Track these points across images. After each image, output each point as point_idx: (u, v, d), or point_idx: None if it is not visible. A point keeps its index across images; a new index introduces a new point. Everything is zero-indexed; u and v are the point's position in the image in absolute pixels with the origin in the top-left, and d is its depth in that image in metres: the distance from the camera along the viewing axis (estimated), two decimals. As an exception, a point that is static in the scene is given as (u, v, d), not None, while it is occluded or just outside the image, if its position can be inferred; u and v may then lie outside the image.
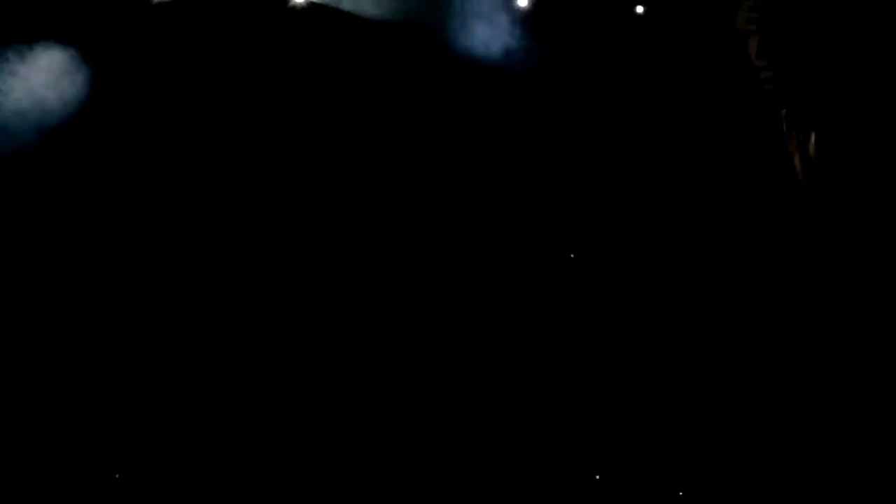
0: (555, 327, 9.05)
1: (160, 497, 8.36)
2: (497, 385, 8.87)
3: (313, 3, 9.22)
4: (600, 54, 9.45)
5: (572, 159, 9.35)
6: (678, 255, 9.16)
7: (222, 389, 8.66)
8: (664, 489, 8.65)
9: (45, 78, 8.81)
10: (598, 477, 8.67)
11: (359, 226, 9.12)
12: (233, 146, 9.17)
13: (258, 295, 8.94)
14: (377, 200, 9.18)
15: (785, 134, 9.15)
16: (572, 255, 9.23)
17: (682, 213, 9.26)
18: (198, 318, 8.83)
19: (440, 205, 9.23)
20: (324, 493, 8.51)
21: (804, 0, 8.92)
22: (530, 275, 9.16)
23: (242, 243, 9.02)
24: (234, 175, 9.13)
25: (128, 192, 9.00)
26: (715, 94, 9.24)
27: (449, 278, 9.11)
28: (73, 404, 8.47)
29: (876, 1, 8.85)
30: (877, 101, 8.89)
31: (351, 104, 9.30)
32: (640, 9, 9.29)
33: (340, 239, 9.10)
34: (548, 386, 8.90)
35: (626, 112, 9.42)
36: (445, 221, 9.20)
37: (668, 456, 8.71)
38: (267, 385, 8.71)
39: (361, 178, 9.20)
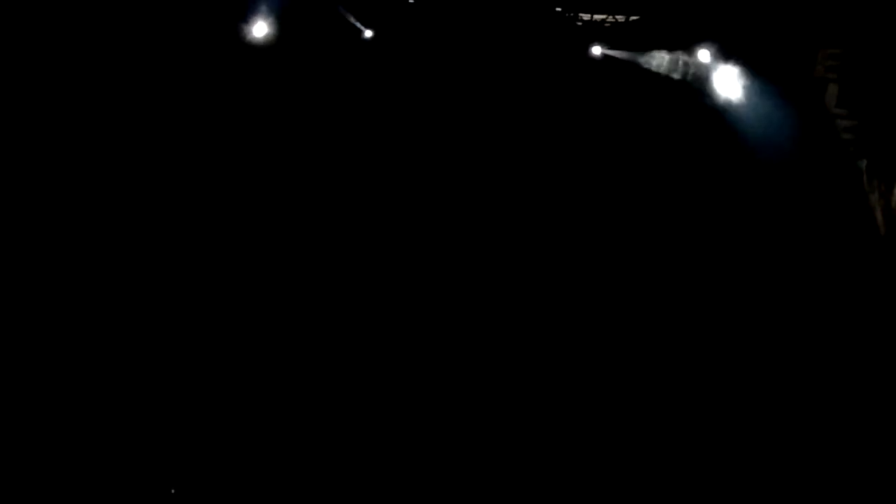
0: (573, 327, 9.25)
1: (161, 497, 8.35)
2: (498, 382, 9.02)
3: None
4: (674, 101, 9.49)
5: (645, 213, 9.47)
6: (758, 307, 9.03)
7: (223, 387, 8.85)
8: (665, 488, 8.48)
9: None
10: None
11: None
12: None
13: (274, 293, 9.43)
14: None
15: (865, 186, 8.76)
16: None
17: (761, 265, 9.11)
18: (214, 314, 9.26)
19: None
20: (324, 493, 8.45)
21: (884, 47, 8.50)
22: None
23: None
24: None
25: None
26: (793, 144, 8.99)
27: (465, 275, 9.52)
28: (73, 404, 8.57)
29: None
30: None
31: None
32: (705, 54, 9.22)
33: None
34: (549, 383, 9.00)
35: (706, 161, 9.39)
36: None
37: (668, 455, 8.58)
38: (267, 383, 8.91)
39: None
